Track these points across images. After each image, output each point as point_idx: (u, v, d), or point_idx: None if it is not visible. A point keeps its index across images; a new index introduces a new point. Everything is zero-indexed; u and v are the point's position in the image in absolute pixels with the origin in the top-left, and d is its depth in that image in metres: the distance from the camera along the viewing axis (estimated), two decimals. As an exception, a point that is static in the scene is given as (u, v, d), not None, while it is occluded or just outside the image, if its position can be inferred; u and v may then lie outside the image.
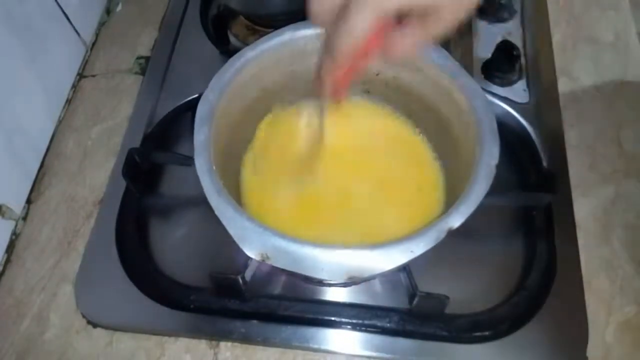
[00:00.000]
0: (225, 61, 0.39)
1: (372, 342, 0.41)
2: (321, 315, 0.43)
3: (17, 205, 0.49)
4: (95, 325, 0.44)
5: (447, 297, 0.39)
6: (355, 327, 0.42)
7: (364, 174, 0.42)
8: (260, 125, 0.45)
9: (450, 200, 0.38)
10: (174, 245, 0.47)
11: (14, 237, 0.48)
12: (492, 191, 0.33)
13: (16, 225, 0.49)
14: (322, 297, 0.44)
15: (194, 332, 0.43)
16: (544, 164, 0.48)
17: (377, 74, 0.43)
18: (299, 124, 0.45)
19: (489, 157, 0.34)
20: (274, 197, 0.41)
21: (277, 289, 0.44)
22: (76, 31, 0.57)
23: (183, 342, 0.43)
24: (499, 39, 0.54)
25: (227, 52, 0.55)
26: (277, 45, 0.40)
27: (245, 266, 0.40)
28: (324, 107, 0.40)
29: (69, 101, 0.56)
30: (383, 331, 0.42)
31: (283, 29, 0.40)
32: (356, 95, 0.46)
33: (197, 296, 0.44)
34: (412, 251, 0.31)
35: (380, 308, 0.43)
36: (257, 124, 0.45)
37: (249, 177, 0.43)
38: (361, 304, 0.43)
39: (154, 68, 0.56)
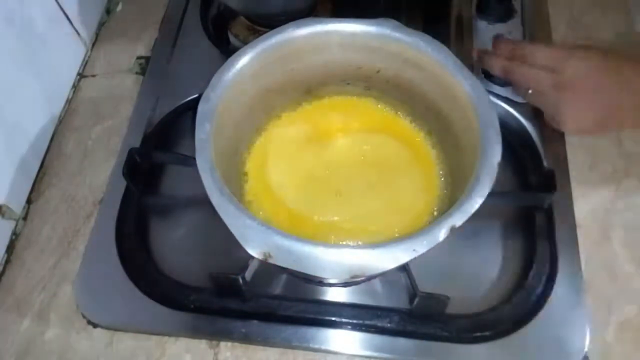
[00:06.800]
0: (225, 61, 0.39)
1: (373, 342, 0.41)
2: (321, 315, 0.43)
3: (17, 205, 0.49)
4: (95, 325, 0.43)
5: (448, 297, 0.39)
6: (355, 327, 0.42)
7: (365, 172, 0.42)
8: (261, 130, 0.45)
9: (453, 198, 0.38)
10: (174, 245, 0.47)
11: (14, 237, 0.48)
12: (493, 191, 0.33)
13: (16, 225, 0.48)
14: (323, 297, 0.44)
15: (194, 332, 0.43)
16: (545, 163, 0.48)
17: (378, 71, 0.43)
18: (299, 126, 0.45)
19: (491, 155, 0.34)
20: (275, 195, 0.41)
21: (277, 289, 0.44)
22: (76, 31, 0.57)
23: (183, 342, 0.43)
24: (499, 39, 0.53)
25: (227, 52, 0.55)
26: (277, 44, 0.40)
27: (246, 266, 0.40)
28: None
29: (69, 101, 0.56)
30: (383, 331, 0.42)
31: (283, 27, 0.40)
32: (356, 92, 0.46)
33: (197, 296, 0.44)
34: (414, 250, 0.31)
35: (381, 308, 0.43)
36: (257, 123, 0.45)
37: (251, 174, 0.43)
38: (361, 304, 0.43)
39: (154, 68, 0.56)
